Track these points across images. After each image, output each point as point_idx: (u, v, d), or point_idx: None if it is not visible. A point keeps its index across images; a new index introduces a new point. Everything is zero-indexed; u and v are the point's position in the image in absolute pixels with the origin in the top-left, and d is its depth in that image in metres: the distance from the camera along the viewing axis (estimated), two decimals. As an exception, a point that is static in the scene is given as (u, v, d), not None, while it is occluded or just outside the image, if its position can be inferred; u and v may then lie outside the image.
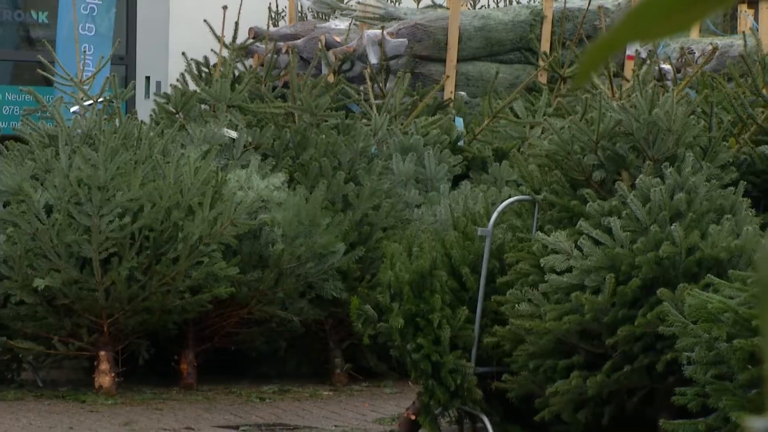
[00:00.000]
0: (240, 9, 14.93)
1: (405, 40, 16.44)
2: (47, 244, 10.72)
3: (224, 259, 10.86)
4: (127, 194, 10.76)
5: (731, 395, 7.76)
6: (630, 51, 15.75)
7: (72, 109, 11.78)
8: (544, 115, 13.51)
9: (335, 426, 10.11)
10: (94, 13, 17.95)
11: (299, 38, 17.02)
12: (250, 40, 16.57)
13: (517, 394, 9.32)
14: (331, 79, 14.95)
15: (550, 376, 9.13)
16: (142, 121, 12.42)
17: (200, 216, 10.79)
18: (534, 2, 18.17)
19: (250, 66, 15.92)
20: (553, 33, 16.54)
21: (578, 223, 9.24)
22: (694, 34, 19.67)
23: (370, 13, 17.45)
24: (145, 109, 17.19)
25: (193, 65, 14.27)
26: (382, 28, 16.58)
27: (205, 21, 14.98)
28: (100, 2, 18.08)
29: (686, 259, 9.01)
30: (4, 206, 10.99)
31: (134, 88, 16.29)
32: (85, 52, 14.52)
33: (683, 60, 16.75)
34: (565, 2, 17.08)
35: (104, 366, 10.95)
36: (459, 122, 14.53)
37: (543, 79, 15.92)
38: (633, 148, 9.61)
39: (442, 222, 10.75)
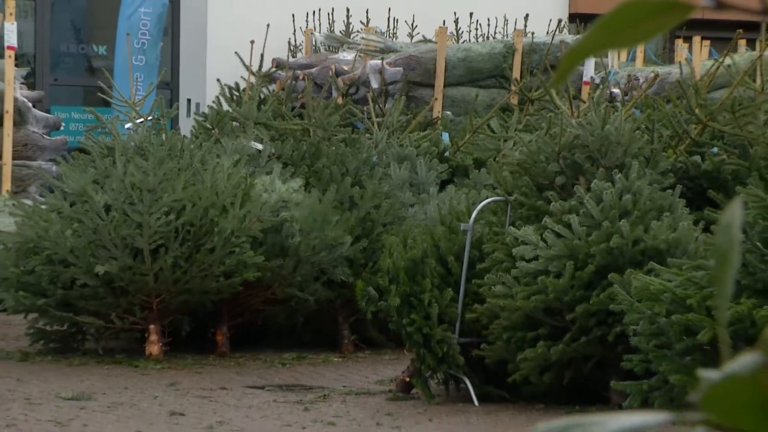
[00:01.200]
0: (265, 43, 14.95)
1: (401, 68, 16.46)
2: (106, 237, 10.73)
3: (252, 249, 10.86)
4: (172, 196, 10.77)
5: (669, 361, 7.76)
6: (586, 77, 15.76)
7: (126, 126, 11.81)
8: (515, 130, 13.52)
9: (343, 386, 10.11)
10: (145, 47, 17.97)
11: (314, 67, 17.04)
12: (273, 69, 16.58)
13: (493, 360, 9.32)
14: (340, 101, 14.96)
15: (520, 346, 9.13)
16: (184, 136, 12.43)
17: (232, 214, 10.80)
18: (507, 37, 18.18)
19: (273, 90, 15.94)
20: (522, 63, 16.56)
21: (543, 220, 9.24)
22: (639, 63, 19.67)
23: (372, 47, 17.46)
24: (186, 125, 17.21)
25: (226, 89, 14.27)
26: (382, 59, 16.60)
27: (236, 53, 14.99)
28: (150, 38, 18.09)
29: (632, 249, 9.02)
30: (71, 206, 11.00)
31: (178, 108, 16.36)
32: (137, 79, 14.54)
33: (630, 85, 16.76)
34: (532, 37, 17.10)
35: (153, 337, 10.96)
36: (445, 137, 14.55)
37: (514, 100, 15.95)
38: (588, 158, 9.61)
39: (431, 219, 10.74)
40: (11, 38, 15.71)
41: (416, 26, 19.95)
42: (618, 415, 0.68)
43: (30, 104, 16.10)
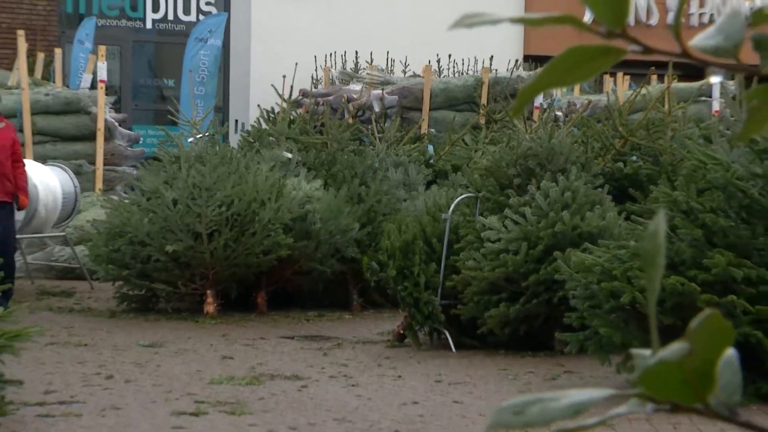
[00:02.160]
0: (294, 77, 14.94)
1: (396, 96, 16.43)
2: (174, 224, 10.71)
3: (284, 233, 10.85)
4: (223, 193, 10.75)
5: (599, 318, 7.75)
6: (536, 103, 15.72)
7: (189, 140, 11.78)
8: (483, 143, 13.50)
9: (353, 336, 10.10)
10: (204, 80, 17.93)
11: (330, 96, 17.00)
12: (300, 97, 16.55)
13: (466, 317, 9.31)
14: (350, 121, 14.93)
15: (486, 306, 9.12)
16: (232, 148, 12.40)
17: (269, 206, 10.78)
18: (477, 73, 18.14)
19: (300, 113, 15.90)
20: (489, 92, 16.53)
21: (504, 211, 9.23)
22: (576, 92, 19.62)
23: (375, 80, 17.44)
24: (234, 140, 17.18)
25: (265, 112, 14.25)
26: (382, 89, 16.57)
27: (272, 85, 14.97)
28: (207, 73, 18.07)
29: (572, 233, 9.01)
30: (147, 200, 10.99)
31: (228, 127, 16.33)
32: (197, 104, 14.50)
33: (569, 109, 16.71)
34: (496, 73, 17.07)
35: (210, 300, 10.95)
36: (430, 148, 14.53)
37: (482, 121, 15.92)
38: (539, 164, 9.59)
39: (419, 210, 10.71)
40: (102, 74, 15.71)
41: (408, 65, 19.92)
42: (569, 391, 0.65)
43: (116, 123, 16.07)
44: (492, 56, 19.26)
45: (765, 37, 0.72)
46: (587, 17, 0.76)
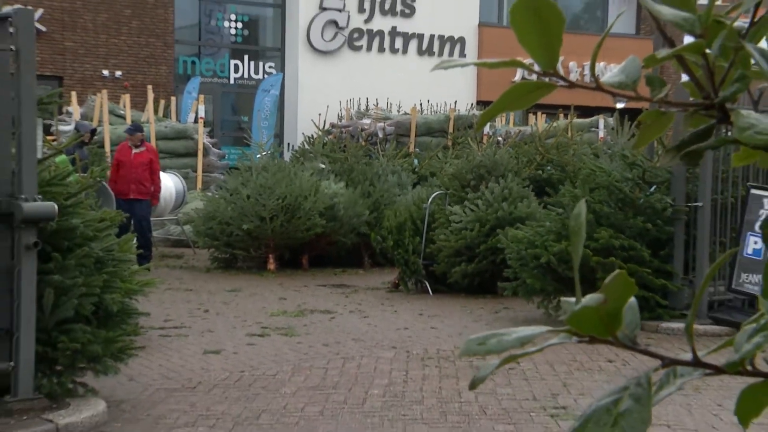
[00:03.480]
0: (326, 115, 14.83)
1: (393, 127, 16.35)
2: (248, 211, 10.65)
3: (319, 217, 10.79)
4: (279, 190, 10.69)
5: (526, 272, 7.70)
6: (485, 131, 15.62)
7: (257, 156, 11.68)
8: (450, 158, 13.43)
9: (365, 285, 10.05)
10: (267, 117, 17.84)
11: (350, 127, 16.93)
12: (330, 128, 16.47)
13: (439, 272, 9.26)
14: (363, 143, 14.87)
15: (453, 265, 9.07)
16: (285, 161, 12.33)
17: (309, 200, 10.72)
18: (446, 112, 18.03)
19: (330, 138, 15.83)
20: (454, 125, 16.45)
21: (464, 202, 9.17)
22: (511, 124, 19.51)
23: (379, 116, 17.35)
24: (287, 156, 17.09)
25: (307, 138, 14.18)
26: (384, 122, 16.49)
27: (312, 120, 14.91)
28: (269, 112, 17.97)
29: (509, 217, 8.94)
30: (230, 195, 10.92)
31: (282, 148, 16.23)
32: (263, 133, 14.41)
33: (506, 135, 16.61)
34: (458, 112, 17.00)
35: (271, 260, 10.90)
36: (415, 161, 14.45)
37: (450, 143, 15.85)
38: (487, 171, 9.53)
39: (408, 202, 10.65)
40: (202, 113, 15.70)
41: (401, 106, 19.85)
42: (518, 328, 0.61)
43: (210, 145, 16.00)
44: (456, 101, 19.22)
45: (654, 76, 0.68)
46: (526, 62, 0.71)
